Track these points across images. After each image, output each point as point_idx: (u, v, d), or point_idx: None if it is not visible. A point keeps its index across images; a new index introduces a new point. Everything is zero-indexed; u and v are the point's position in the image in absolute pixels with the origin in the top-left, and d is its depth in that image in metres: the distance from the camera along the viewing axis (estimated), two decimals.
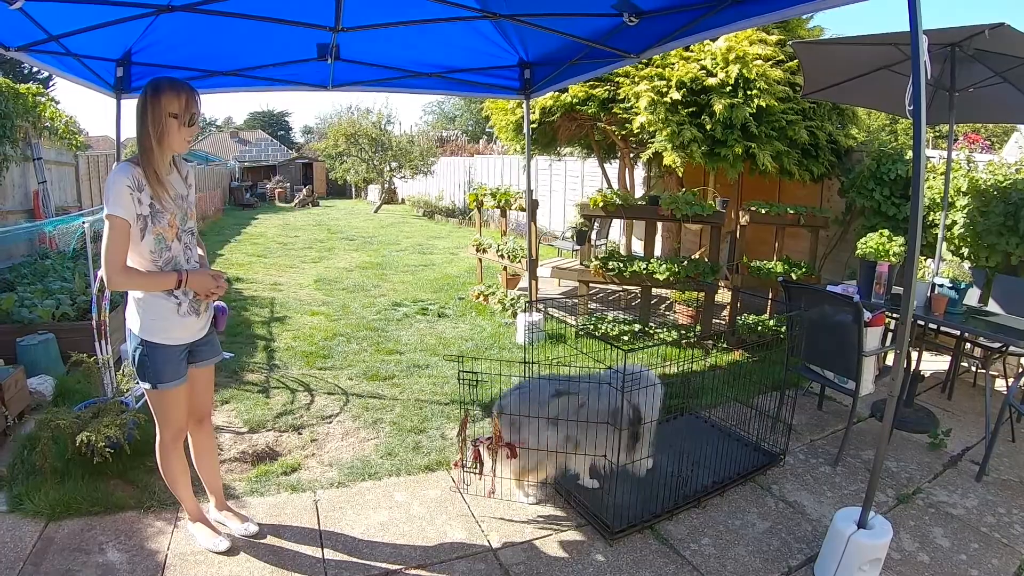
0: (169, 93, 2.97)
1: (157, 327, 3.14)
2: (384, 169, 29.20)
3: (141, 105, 2.97)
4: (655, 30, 4.59)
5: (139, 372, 3.20)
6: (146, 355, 3.15)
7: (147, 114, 2.95)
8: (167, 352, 3.18)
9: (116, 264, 2.91)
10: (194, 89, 3.07)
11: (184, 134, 3.06)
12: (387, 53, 5.70)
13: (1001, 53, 5.08)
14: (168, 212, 3.08)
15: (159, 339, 3.15)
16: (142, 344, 3.14)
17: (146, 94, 2.96)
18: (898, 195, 7.67)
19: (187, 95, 3.02)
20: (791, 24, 7.94)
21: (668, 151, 7.43)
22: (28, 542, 3.49)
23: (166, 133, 2.99)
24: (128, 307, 3.18)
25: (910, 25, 2.73)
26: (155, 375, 3.17)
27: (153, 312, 3.12)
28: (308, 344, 7.23)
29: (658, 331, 7.19)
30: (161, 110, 2.95)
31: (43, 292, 6.80)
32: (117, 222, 2.89)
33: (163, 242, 3.08)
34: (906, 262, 3.25)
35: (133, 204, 2.94)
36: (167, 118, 2.97)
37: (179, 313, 3.17)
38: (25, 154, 9.90)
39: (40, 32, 4.26)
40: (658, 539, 3.75)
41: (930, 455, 4.90)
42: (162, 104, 2.95)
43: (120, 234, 2.90)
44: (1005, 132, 14.31)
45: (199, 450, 3.66)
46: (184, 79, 3.07)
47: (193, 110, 3.05)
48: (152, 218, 3.01)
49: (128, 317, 3.18)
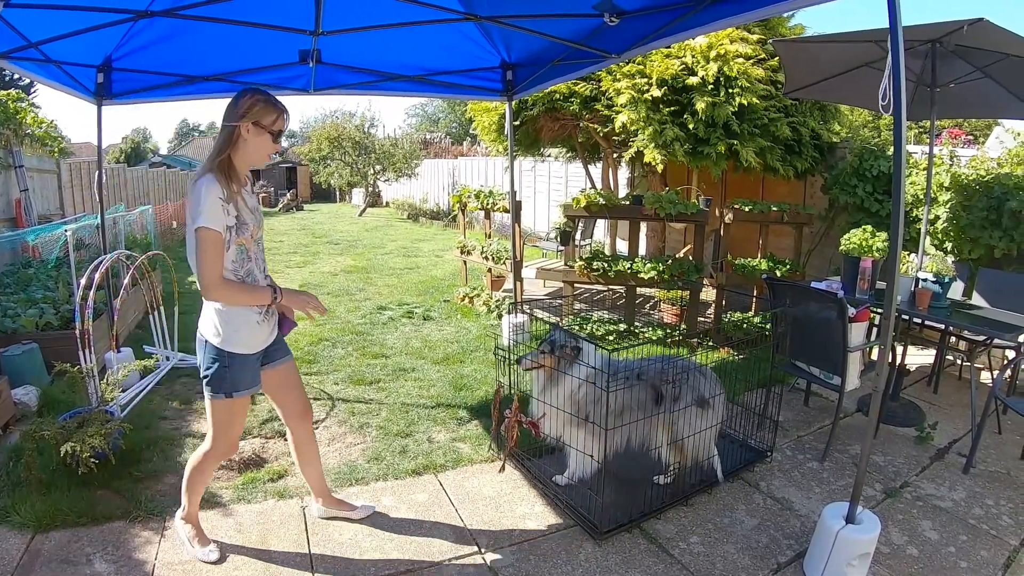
0: (267, 107, 3.04)
1: (239, 338, 3.15)
2: (368, 172, 29.14)
3: (235, 119, 3.02)
4: (636, 30, 4.59)
5: (213, 385, 3.19)
6: (226, 367, 3.15)
7: (240, 127, 3.01)
8: (247, 361, 3.21)
9: (215, 277, 2.93)
10: (285, 107, 3.13)
11: (270, 150, 3.12)
12: (369, 56, 5.68)
13: (981, 48, 5.11)
14: (251, 224, 3.12)
15: (241, 349, 3.16)
16: (221, 355, 3.14)
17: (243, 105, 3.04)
18: (881, 191, 7.71)
19: (282, 112, 3.10)
20: (772, 23, 7.96)
21: (651, 150, 7.44)
22: (15, 555, 3.45)
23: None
24: (205, 319, 3.18)
25: (889, 21, 2.74)
26: (232, 384, 3.18)
27: (235, 323, 3.13)
28: (293, 349, 7.17)
29: (643, 330, 7.20)
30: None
31: (26, 301, 6.74)
32: (212, 234, 2.90)
33: (244, 253, 3.11)
34: (889, 257, 3.27)
35: (224, 215, 2.95)
36: (261, 132, 3.05)
37: (258, 322, 3.21)
38: (7, 162, 9.81)
39: (19, 39, 4.22)
40: (647, 538, 3.75)
41: (917, 449, 4.93)
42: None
43: (216, 247, 2.92)
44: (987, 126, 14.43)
45: (304, 448, 3.71)
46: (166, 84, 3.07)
47: (283, 127, 3.11)
48: (237, 229, 3.03)
49: (204, 329, 3.18)
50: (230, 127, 3.01)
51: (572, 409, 3.91)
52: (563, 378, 3.92)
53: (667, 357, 4.23)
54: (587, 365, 3.84)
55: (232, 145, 3.03)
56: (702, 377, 4.13)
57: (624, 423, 3.88)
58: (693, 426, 3.98)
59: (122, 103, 5.72)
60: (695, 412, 3.99)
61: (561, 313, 7.90)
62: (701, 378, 4.12)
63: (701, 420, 4.01)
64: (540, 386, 4.05)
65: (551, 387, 3.98)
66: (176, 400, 5.64)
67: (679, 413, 3.97)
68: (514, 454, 4.44)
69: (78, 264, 6.84)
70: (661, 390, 3.99)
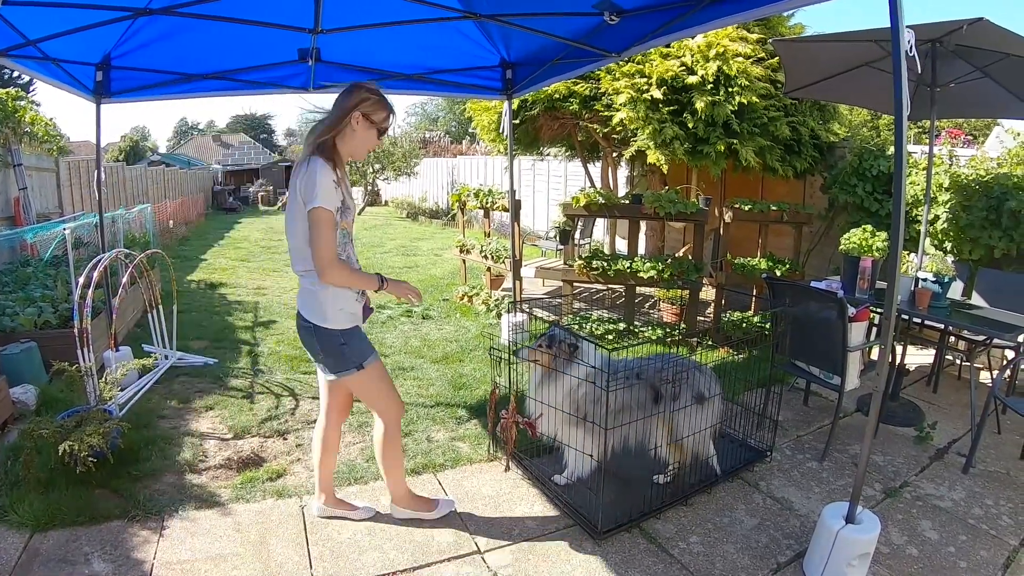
0: (379, 104, 3.20)
1: (344, 315, 3.27)
2: (367, 171, 29.09)
3: (347, 107, 3.15)
4: (636, 29, 4.58)
5: (343, 363, 3.32)
6: (345, 343, 3.29)
7: (351, 116, 3.15)
8: (358, 332, 3.37)
9: (332, 256, 3.06)
10: (393, 108, 3.28)
11: (372, 144, 3.29)
12: (368, 54, 5.68)
13: (981, 48, 5.11)
14: (352, 209, 3.28)
15: (349, 323, 3.30)
16: (334, 336, 3.26)
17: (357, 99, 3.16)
18: (880, 191, 7.71)
19: (391, 112, 3.27)
20: (772, 22, 7.96)
21: (651, 149, 7.44)
22: (13, 554, 3.44)
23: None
24: (307, 306, 3.27)
25: (891, 21, 2.73)
26: (359, 356, 3.34)
27: (339, 302, 3.24)
28: (292, 348, 7.18)
29: (643, 330, 7.20)
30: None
31: (25, 300, 6.72)
32: (328, 215, 3.03)
33: (346, 236, 3.26)
34: (890, 257, 3.26)
35: (335, 197, 3.08)
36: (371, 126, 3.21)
37: (356, 300, 3.33)
38: (5, 160, 9.79)
39: (18, 37, 4.22)
40: (646, 538, 3.74)
41: (916, 448, 4.93)
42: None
43: (331, 227, 3.06)
44: (986, 126, 14.45)
45: (331, 442, 3.80)
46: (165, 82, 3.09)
47: (388, 126, 3.30)
48: (342, 213, 3.17)
49: (310, 315, 3.26)
50: (340, 115, 3.14)
51: (571, 408, 3.91)
52: (562, 376, 3.92)
53: (664, 355, 4.23)
54: (586, 364, 3.84)
55: (339, 132, 3.16)
56: (700, 374, 4.13)
57: (623, 423, 3.87)
58: (692, 424, 3.98)
59: (121, 101, 5.71)
60: (694, 410, 3.99)
61: (561, 312, 7.90)
62: (699, 375, 4.11)
63: (699, 417, 4.01)
64: (536, 382, 4.05)
65: (548, 384, 3.97)
66: (175, 399, 5.62)
67: (678, 412, 3.96)
68: (513, 453, 4.44)
69: (77, 262, 6.82)
70: (660, 389, 3.98)
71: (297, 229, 3.14)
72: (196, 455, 4.63)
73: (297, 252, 3.20)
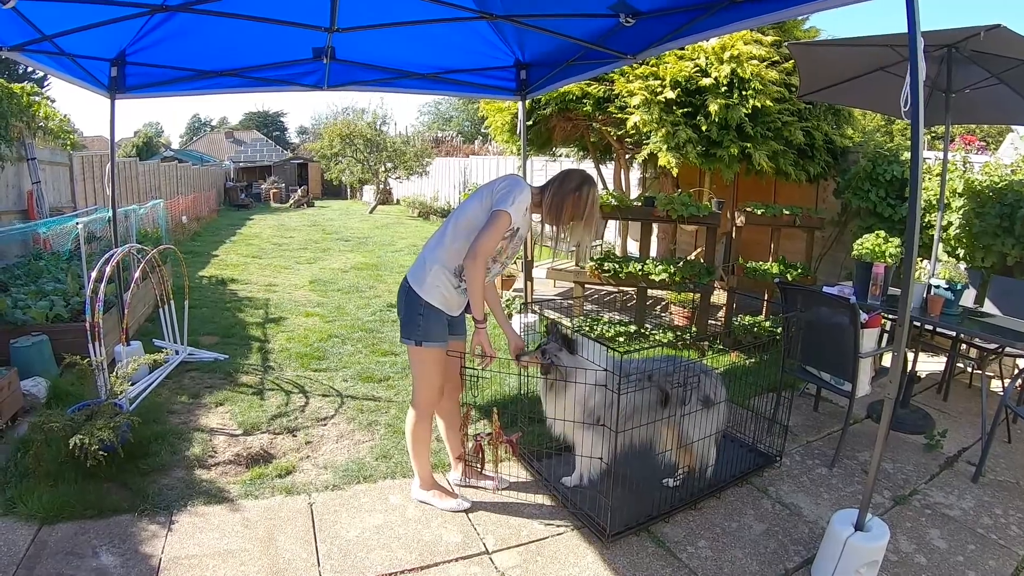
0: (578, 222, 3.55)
1: (436, 293, 3.59)
2: (379, 170, 29.15)
3: (582, 196, 3.50)
4: (652, 31, 4.58)
5: (409, 331, 3.65)
6: (420, 314, 3.59)
7: (584, 202, 3.50)
8: (439, 316, 3.64)
9: (488, 251, 3.41)
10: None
11: (531, 225, 3.81)
12: (383, 54, 5.69)
13: (997, 55, 5.08)
14: (518, 240, 3.65)
15: (436, 302, 3.60)
16: (419, 303, 3.58)
17: (588, 188, 3.52)
18: (894, 196, 7.67)
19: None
20: (787, 25, 7.93)
21: (663, 152, 7.42)
22: (21, 546, 3.46)
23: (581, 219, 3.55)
24: (416, 270, 3.65)
25: (908, 26, 2.72)
26: (423, 333, 3.61)
27: (439, 280, 3.59)
28: (303, 345, 7.20)
29: (654, 333, 7.18)
30: (592, 206, 3.52)
31: (37, 293, 6.76)
32: (506, 221, 3.38)
33: (500, 254, 3.60)
34: (903, 263, 3.25)
35: (519, 219, 3.46)
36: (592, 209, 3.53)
37: (455, 287, 3.63)
38: (19, 154, 9.85)
39: (33, 32, 4.25)
40: (654, 541, 3.73)
41: (926, 456, 4.90)
42: (594, 200, 3.54)
43: (501, 232, 3.40)
44: (1000, 133, 14.35)
45: (451, 419, 4.17)
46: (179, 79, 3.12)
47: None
48: (510, 237, 3.54)
49: (412, 277, 3.64)
50: (561, 200, 3.50)
51: (580, 411, 3.90)
52: (571, 379, 3.90)
53: (671, 358, 4.22)
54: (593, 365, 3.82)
55: (550, 203, 3.53)
56: (705, 377, 4.11)
57: (632, 427, 3.86)
58: (699, 426, 3.97)
59: (135, 97, 5.75)
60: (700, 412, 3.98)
61: (571, 314, 7.89)
62: (704, 377, 4.10)
63: (704, 418, 4.00)
64: (545, 389, 4.04)
65: (555, 389, 3.96)
66: (185, 394, 5.64)
67: (686, 416, 3.95)
68: (521, 455, 4.44)
69: (89, 257, 6.85)
70: (668, 391, 3.97)
71: (465, 214, 3.56)
72: (205, 450, 4.65)
73: (450, 231, 3.60)
